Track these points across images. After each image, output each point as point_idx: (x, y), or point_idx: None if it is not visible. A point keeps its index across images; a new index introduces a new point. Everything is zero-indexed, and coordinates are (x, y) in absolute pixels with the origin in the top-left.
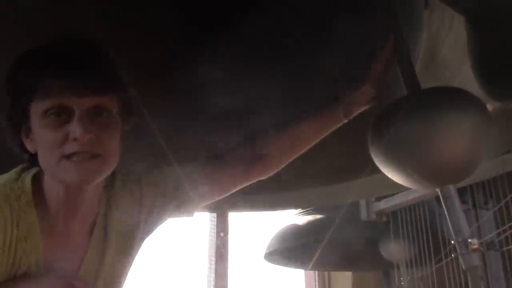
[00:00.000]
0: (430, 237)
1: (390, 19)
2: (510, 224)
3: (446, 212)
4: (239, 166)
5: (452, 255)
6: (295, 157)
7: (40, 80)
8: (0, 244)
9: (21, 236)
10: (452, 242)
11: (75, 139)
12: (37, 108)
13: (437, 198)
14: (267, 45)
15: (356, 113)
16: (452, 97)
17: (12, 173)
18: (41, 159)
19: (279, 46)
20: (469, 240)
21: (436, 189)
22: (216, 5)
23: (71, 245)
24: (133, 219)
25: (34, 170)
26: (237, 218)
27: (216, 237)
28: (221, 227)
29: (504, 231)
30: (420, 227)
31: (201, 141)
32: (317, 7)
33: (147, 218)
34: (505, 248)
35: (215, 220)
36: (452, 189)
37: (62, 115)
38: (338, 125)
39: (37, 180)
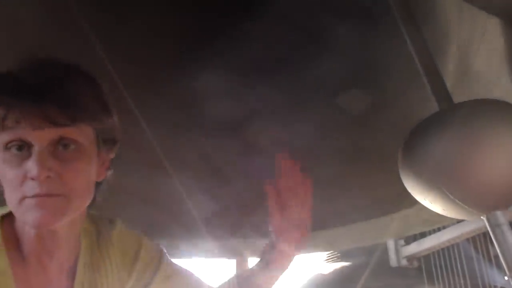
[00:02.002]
0: (468, 282)
1: (412, 30)
2: None
3: (495, 243)
4: None
5: None
6: None
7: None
8: None
9: None
10: (506, 277)
11: (32, 179)
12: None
13: (472, 239)
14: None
15: (291, 260)
16: (493, 110)
17: None
18: (6, 197)
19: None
20: None
21: (481, 217)
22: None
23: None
24: (124, 280)
25: (3, 210)
26: None
27: None
28: None
29: None
30: (456, 271)
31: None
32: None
33: (136, 283)
34: None
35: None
36: (500, 215)
37: (22, 150)
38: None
39: (7, 220)
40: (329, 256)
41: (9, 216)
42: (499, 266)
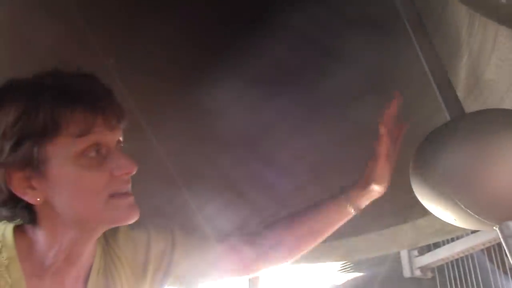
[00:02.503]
0: None
1: (423, 41)
2: None
3: (508, 255)
4: (245, 259)
5: None
6: (302, 252)
7: (72, 116)
8: None
9: None
10: None
11: (127, 173)
12: (66, 148)
13: (487, 249)
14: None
15: (364, 205)
16: (505, 119)
17: None
18: (74, 205)
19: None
20: None
21: (494, 228)
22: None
23: None
24: (139, 277)
25: (14, 222)
26: (272, 277)
27: None
28: None
29: None
30: (471, 282)
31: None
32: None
33: (152, 277)
34: None
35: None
36: None
37: (100, 152)
38: (348, 219)
39: (20, 231)
40: (342, 267)
41: (22, 227)
42: None
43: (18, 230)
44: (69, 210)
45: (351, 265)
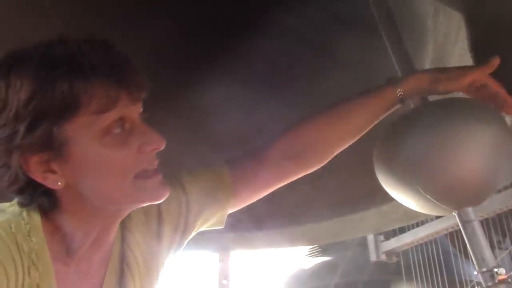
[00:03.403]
0: (446, 277)
1: (390, 29)
2: None
3: (466, 239)
4: (277, 164)
5: None
6: (338, 150)
7: (93, 90)
8: None
9: (33, 284)
10: (475, 273)
11: (156, 149)
12: (88, 127)
13: (450, 234)
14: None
15: (409, 98)
16: (466, 108)
17: (12, 206)
18: (101, 187)
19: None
20: (495, 270)
21: (453, 213)
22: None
23: (88, 284)
24: (154, 246)
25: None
26: (241, 260)
27: (219, 285)
28: (224, 272)
29: None
30: (434, 266)
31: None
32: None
33: (170, 241)
34: None
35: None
36: (471, 212)
37: (125, 128)
38: (389, 112)
39: (44, 214)
40: (310, 251)
41: (45, 210)
42: None
43: (43, 213)
44: (96, 193)
45: (319, 249)
